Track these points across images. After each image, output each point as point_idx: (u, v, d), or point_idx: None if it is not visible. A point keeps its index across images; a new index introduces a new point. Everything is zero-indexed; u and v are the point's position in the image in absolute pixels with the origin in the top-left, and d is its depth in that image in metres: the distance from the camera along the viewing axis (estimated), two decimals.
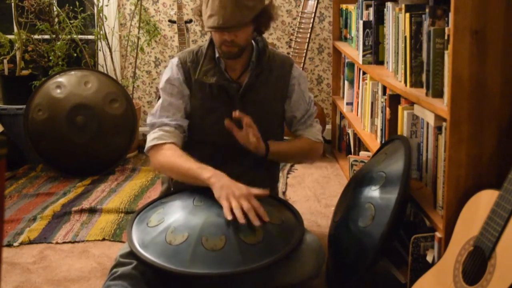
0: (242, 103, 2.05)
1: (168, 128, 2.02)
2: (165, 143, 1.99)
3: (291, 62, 2.17)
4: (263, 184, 2.12)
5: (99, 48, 3.96)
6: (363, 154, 2.99)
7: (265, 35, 2.31)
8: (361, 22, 2.91)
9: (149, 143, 2.02)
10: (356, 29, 3.23)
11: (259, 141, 2.00)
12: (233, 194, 1.76)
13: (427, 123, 2.00)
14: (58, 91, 3.43)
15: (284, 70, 2.13)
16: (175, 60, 2.12)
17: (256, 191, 1.83)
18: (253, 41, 2.10)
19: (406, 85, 2.17)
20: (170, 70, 2.10)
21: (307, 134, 2.19)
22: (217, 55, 2.06)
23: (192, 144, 2.10)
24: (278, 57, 2.15)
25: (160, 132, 2.02)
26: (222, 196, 1.77)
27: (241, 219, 1.71)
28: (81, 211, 2.87)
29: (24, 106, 3.46)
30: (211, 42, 2.09)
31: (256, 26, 2.03)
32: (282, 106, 2.15)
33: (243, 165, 2.08)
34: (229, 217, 1.72)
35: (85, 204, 2.95)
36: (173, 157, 1.95)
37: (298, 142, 2.18)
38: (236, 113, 1.95)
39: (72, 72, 3.55)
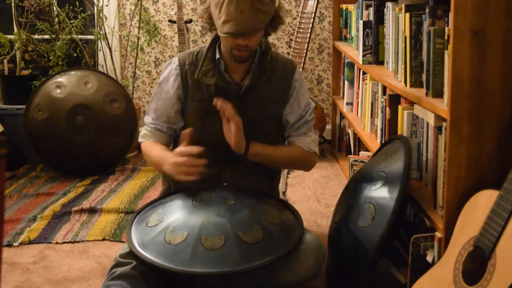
0: (242, 104, 2.04)
1: (149, 129, 2.15)
2: (146, 141, 2.13)
3: (293, 65, 2.15)
4: (263, 185, 2.12)
5: (99, 48, 3.96)
6: (363, 154, 2.99)
7: None
8: (361, 22, 2.91)
9: (138, 140, 2.19)
10: (356, 29, 3.23)
11: (237, 137, 1.96)
12: (173, 168, 1.88)
13: (427, 123, 2.00)
14: (58, 91, 3.43)
15: (286, 72, 2.11)
16: (173, 62, 2.11)
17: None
18: None
19: (406, 85, 2.17)
20: (167, 72, 2.12)
21: (299, 142, 2.10)
22: (217, 56, 2.04)
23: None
24: (280, 59, 2.13)
25: (144, 131, 2.16)
26: (174, 175, 1.89)
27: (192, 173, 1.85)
28: (81, 211, 2.87)
29: (24, 106, 3.46)
30: (212, 43, 2.07)
31: (266, 29, 2.01)
32: (281, 109, 2.12)
33: (243, 167, 2.07)
34: (189, 179, 1.85)
35: (85, 204, 2.95)
36: (146, 151, 2.11)
37: (287, 148, 2.13)
38: (218, 103, 1.94)
39: (72, 72, 3.55)
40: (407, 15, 2.09)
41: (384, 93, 2.54)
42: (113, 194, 3.12)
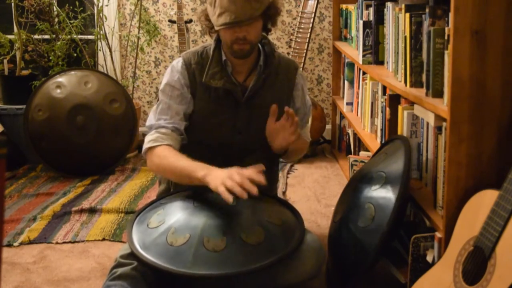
0: (247, 106, 2.04)
1: (164, 130, 2.00)
2: (160, 145, 1.97)
3: (296, 65, 2.17)
4: (264, 184, 2.12)
5: (99, 48, 3.96)
6: (363, 154, 2.99)
7: None
8: (361, 22, 2.91)
9: (145, 145, 2.00)
10: (356, 29, 3.23)
11: (286, 139, 2.00)
12: (225, 177, 1.72)
13: (427, 123, 2.00)
14: (58, 91, 3.43)
15: (289, 74, 2.12)
16: (179, 62, 2.07)
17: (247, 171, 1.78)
18: (259, 44, 2.08)
19: (406, 85, 2.17)
20: (172, 72, 2.06)
21: (301, 135, 2.22)
22: (223, 58, 2.03)
23: (193, 145, 2.09)
24: (283, 61, 2.13)
25: (156, 134, 1.99)
26: (218, 184, 1.72)
27: (242, 195, 1.67)
28: (81, 211, 2.87)
29: (24, 106, 3.46)
30: (217, 44, 2.05)
31: (264, 22, 2.00)
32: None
33: (244, 167, 2.07)
34: (230, 200, 1.67)
35: (85, 204, 2.95)
36: (167, 158, 1.93)
37: (299, 142, 2.20)
38: (290, 111, 1.94)
39: (72, 72, 3.55)
40: (407, 15, 2.09)
41: (384, 93, 2.54)
42: (113, 194, 3.12)
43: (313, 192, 3.17)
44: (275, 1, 2.00)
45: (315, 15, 3.68)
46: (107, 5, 3.93)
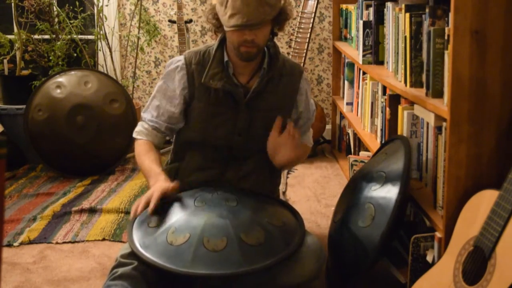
0: (248, 108, 2.03)
1: (146, 126, 2.13)
2: (141, 139, 2.13)
3: (300, 69, 2.15)
4: (264, 186, 2.12)
5: (99, 48, 3.96)
6: (363, 154, 2.99)
7: None
8: (361, 22, 2.91)
9: (133, 134, 2.17)
10: (356, 29, 3.23)
11: (287, 154, 2.03)
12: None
13: (427, 123, 2.00)
14: (58, 91, 3.43)
15: (294, 77, 2.11)
16: (179, 61, 2.07)
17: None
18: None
19: (406, 85, 2.17)
20: (171, 71, 2.07)
21: (303, 141, 2.22)
22: (225, 58, 2.02)
23: (194, 146, 2.09)
24: (288, 64, 2.12)
25: (140, 127, 2.14)
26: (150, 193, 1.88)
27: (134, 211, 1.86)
28: (81, 211, 2.87)
29: (24, 106, 3.46)
30: (220, 44, 2.04)
31: (273, 26, 2.01)
32: (288, 114, 2.13)
33: (245, 169, 2.07)
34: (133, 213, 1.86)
35: (85, 204, 2.95)
36: (139, 155, 2.09)
37: (300, 150, 2.21)
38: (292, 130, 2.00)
39: (72, 72, 3.55)
40: (407, 15, 2.09)
41: (384, 93, 2.54)
42: (113, 194, 3.12)
43: (313, 192, 3.17)
44: (286, 6, 2.00)
45: (315, 15, 3.68)
46: (107, 5, 3.93)
